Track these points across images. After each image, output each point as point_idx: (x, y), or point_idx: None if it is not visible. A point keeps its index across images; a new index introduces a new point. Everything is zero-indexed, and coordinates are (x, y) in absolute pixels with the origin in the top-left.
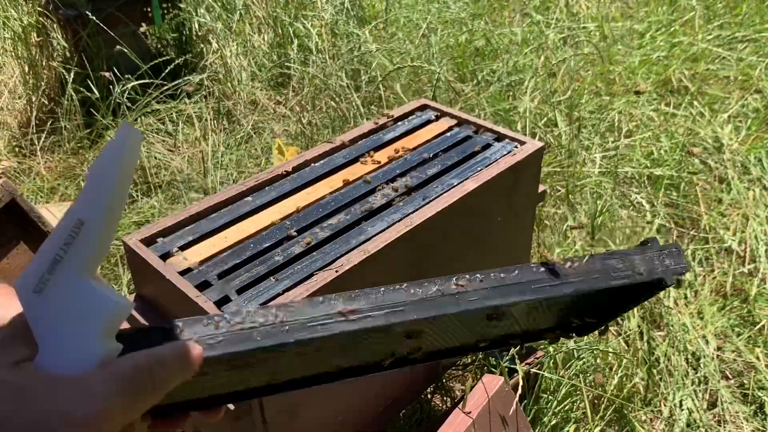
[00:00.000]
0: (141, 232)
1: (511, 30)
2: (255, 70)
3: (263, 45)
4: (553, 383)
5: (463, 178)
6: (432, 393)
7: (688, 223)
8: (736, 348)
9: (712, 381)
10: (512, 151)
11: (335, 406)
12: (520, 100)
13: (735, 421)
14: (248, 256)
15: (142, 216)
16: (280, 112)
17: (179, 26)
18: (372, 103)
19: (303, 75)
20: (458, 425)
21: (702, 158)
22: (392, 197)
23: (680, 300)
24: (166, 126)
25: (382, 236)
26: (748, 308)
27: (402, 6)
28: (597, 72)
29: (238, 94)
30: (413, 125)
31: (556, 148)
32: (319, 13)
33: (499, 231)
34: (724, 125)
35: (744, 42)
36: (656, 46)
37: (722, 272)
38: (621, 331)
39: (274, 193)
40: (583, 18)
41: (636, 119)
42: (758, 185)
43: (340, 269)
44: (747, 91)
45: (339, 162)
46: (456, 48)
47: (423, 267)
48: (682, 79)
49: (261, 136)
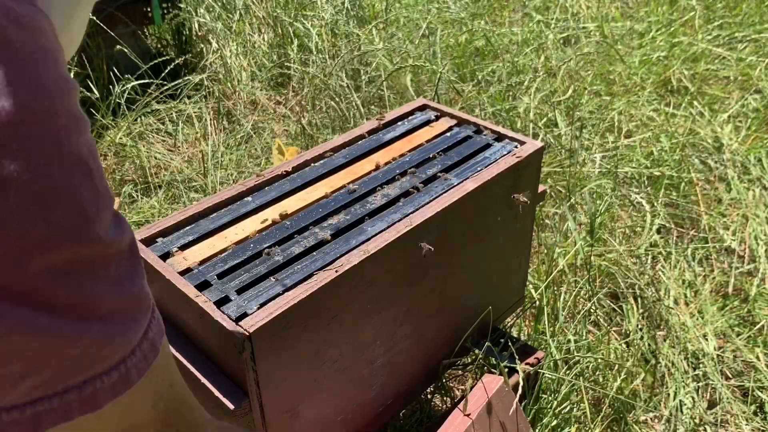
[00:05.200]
0: (141, 232)
1: (511, 30)
2: (255, 70)
3: (263, 45)
4: (553, 383)
5: (463, 178)
6: (432, 393)
7: (688, 223)
8: (736, 348)
9: (712, 380)
10: (512, 151)
11: (335, 406)
12: (520, 100)
13: (735, 421)
14: (248, 256)
15: (142, 216)
16: (280, 112)
17: (179, 26)
18: (372, 103)
19: (303, 75)
20: (458, 426)
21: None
22: (392, 197)
23: (680, 299)
24: (166, 126)
25: (382, 236)
26: (748, 308)
27: (402, 6)
28: (597, 72)
29: (238, 94)
30: (413, 125)
31: (556, 148)
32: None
33: (499, 231)
34: (724, 125)
35: (744, 42)
36: (656, 46)
37: (722, 272)
38: (621, 331)
39: (274, 193)
40: (583, 18)
41: (636, 119)
42: (758, 185)
43: (340, 269)
44: (747, 91)
45: (339, 162)
46: (456, 48)
47: (423, 267)
48: (682, 79)
49: (261, 136)
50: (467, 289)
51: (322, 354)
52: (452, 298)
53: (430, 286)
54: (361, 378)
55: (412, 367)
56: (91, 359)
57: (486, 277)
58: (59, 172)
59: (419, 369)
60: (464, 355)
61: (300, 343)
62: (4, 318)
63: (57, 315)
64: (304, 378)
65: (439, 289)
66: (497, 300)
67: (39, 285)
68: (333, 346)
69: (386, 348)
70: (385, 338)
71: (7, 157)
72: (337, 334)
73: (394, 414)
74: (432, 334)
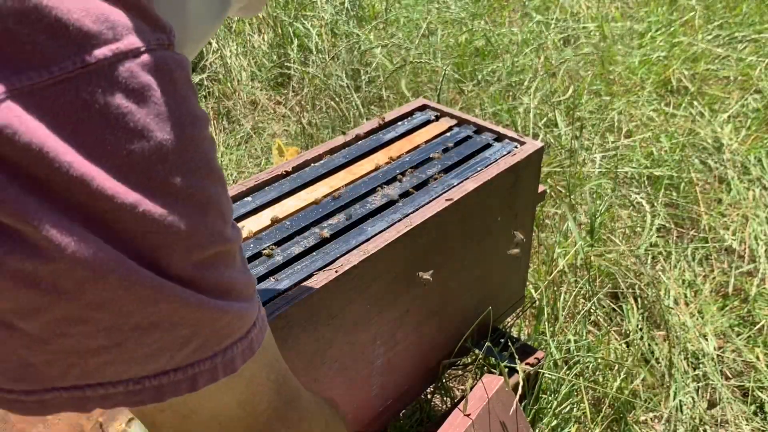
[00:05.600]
0: None
1: (511, 30)
2: (255, 70)
3: (263, 45)
4: (553, 383)
5: (463, 178)
6: (432, 393)
7: (688, 223)
8: (736, 348)
9: (712, 380)
10: (512, 151)
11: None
12: (520, 100)
13: (735, 421)
14: (248, 257)
15: None
16: (280, 112)
17: None
18: (372, 103)
19: (303, 75)
20: (458, 426)
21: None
22: (392, 197)
23: (680, 299)
24: None
25: (382, 236)
26: (748, 308)
27: (402, 6)
28: (597, 72)
29: (238, 94)
30: (413, 125)
31: (556, 148)
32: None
33: (499, 231)
34: (724, 125)
35: (744, 42)
36: (656, 46)
37: (722, 272)
38: (621, 331)
39: (274, 193)
40: (583, 18)
41: (636, 119)
42: (758, 185)
43: (340, 269)
44: (747, 91)
45: (339, 162)
46: (456, 48)
47: (423, 267)
48: (682, 79)
49: (261, 136)
50: (467, 289)
51: (322, 354)
52: (452, 298)
53: (430, 286)
54: (361, 378)
55: (412, 367)
56: (231, 329)
57: (486, 277)
58: (210, 185)
59: (419, 369)
60: (464, 355)
61: (300, 343)
62: (178, 296)
63: (209, 295)
64: (304, 378)
65: (439, 289)
66: (497, 300)
67: (197, 273)
68: (333, 346)
69: (386, 348)
70: (385, 338)
71: (176, 175)
72: (337, 334)
73: (394, 414)
74: (432, 334)
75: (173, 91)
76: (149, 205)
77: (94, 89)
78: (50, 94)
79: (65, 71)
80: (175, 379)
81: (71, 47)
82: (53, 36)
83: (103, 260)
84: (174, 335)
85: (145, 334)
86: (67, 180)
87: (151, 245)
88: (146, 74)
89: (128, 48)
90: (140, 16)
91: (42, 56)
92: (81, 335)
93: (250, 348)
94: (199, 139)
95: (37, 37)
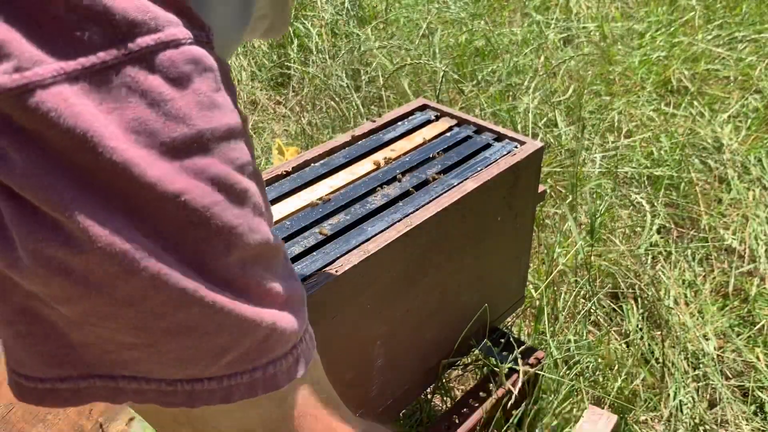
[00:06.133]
0: None
1: (511, 30)
2: (255, 70)
3: (263, 45)
4: (553, 383)
5: (463, 178)
6: (432, 393)
7: (688, 223)
8: (737, 348)
9: (712, 380)
10: (512, 151)
11: None
12: (520, 100)
13: (735, 421)
14: None
15: None
16: (280, 112)
17: None
18: (372, 103)
19: (303, 75)
20: None
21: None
22: (392, 197)
23: (680, 299)
24: None
25: (382, 236)
26: (748, 308)
27: (402, 6)
28: (597, 72)
29: (238, 94)
30: (413, 125)
31: (556, 148)
32: (319, 13)
33: (499, 231)
34: (724, 125)
35: (744, 42)
36: (656, 46)
37: (722, 272)
38: (621, 331)
39: (274, 193)
40: (583, 18)
41: (636, 119)
42: (758, 185)
43: (340, 269)
44: (747, 91)
45: (339, 162)
46: (456, 48)
47: (423, 267)
48: (682, 79)
49: (261, 136)
50: (467, 289)
51: (322, 354)
52: (452, 298)
53: (430, 286)
54: (361, 378)
55: (412, 367)
56: (273, 343)
57: (486, 277)
58: (249, 180)
59: (419, 369)
60: (464, 355)
61: None
62: (214, 300)
63: (248, 298)
64: None
65: (439, 289)
66: (497, 300)
67: (238, 272)
68: (333, 346)
69: (386, 348)
70: (385, 338)
71: (218, 166)
72: (337, 334)
73: (394, 414)
74: (432, 334)
75: (213, 83)
76: (191, 194)
77: (137, 75)
78: (96, 79)
79: (111, 57)
80: (209, 387)
81: (117, 35)
82: (100, 23)
83: (134, 256)
84: (209, 344)
85: (177, 339)
86: (109, 166)
87: (191, 238)
88: (186, 65)
89: (169, 38)
90: (180, 13)
91: (89, 43)
92: (111, 330)
93: (296, 365)
94: (245, 125)
95: (85, 24)
